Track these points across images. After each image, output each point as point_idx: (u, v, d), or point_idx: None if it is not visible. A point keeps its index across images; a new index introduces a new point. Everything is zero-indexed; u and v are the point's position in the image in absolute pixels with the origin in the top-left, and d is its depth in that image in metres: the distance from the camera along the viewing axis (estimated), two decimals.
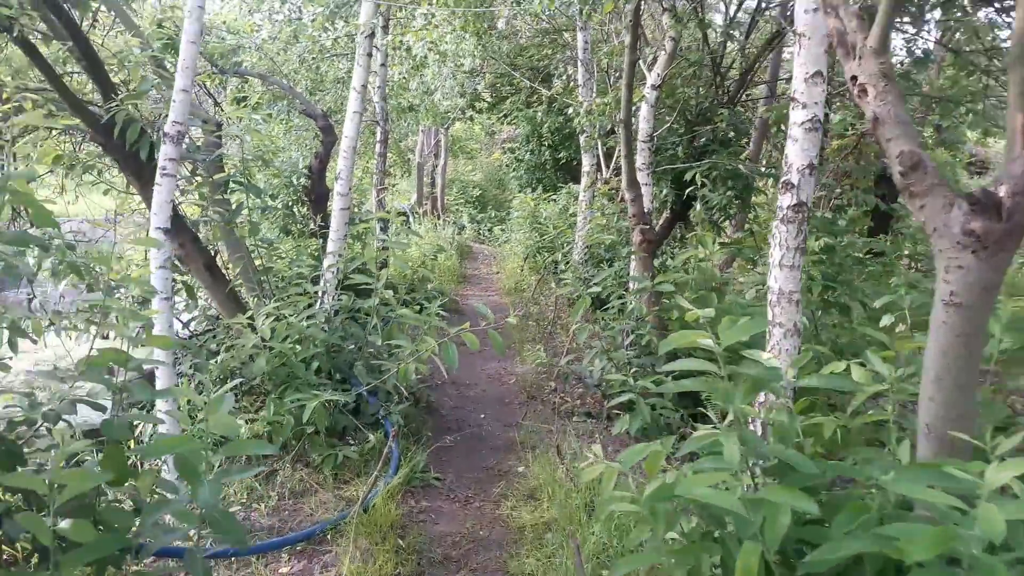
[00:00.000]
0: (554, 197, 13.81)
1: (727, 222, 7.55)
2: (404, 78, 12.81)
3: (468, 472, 4.22)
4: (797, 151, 2.89)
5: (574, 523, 3.30)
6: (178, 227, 4.52)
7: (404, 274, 8.91)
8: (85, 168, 4.79)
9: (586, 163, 9.50)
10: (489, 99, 20.60)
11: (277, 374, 4.13)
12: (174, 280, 4.67)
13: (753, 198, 7.24)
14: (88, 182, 5.21)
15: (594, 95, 9.10)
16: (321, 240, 6.49)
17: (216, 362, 4.25)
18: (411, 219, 12.33)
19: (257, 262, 5.20)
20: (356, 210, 8.83)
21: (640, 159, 6.48)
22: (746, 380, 1.87)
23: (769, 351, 2.90)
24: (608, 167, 9.93)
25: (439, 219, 12.13)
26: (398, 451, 4.09)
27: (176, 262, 4.68)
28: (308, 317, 4.54)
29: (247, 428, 3.92)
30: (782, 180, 2.92)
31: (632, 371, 4.99)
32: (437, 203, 12.72)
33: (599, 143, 9.38)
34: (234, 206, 4.73)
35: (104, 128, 3.97)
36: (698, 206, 7.20)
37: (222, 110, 7.20)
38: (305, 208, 7.44)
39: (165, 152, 3.53)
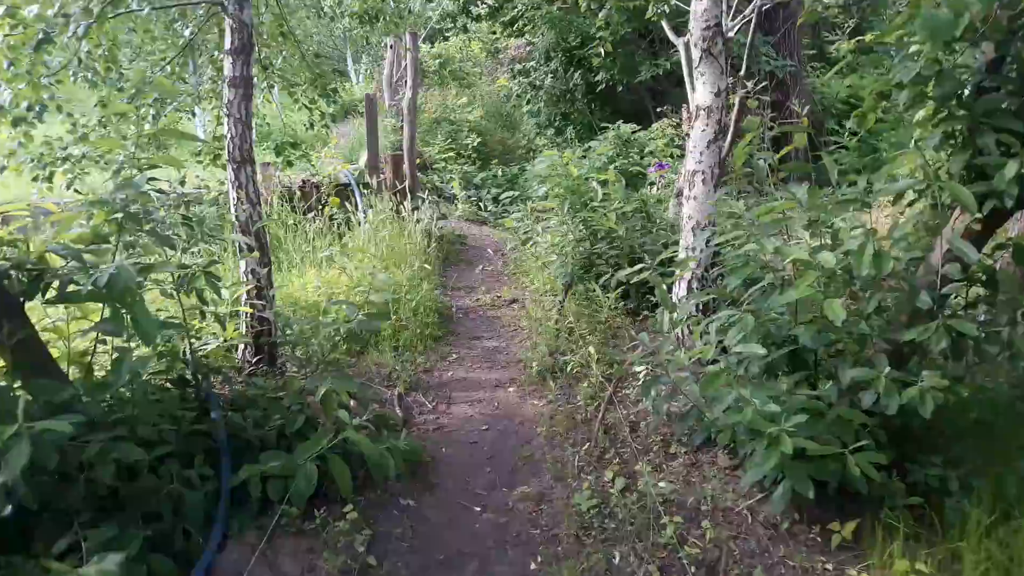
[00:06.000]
0: (596, 142, 8.50)
1: None
2: None
3: None
4: None
5: None
6: None
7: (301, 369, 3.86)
8: None
9: (705, 92, 4.20)
10: (490, 1, 14.93)
11: None
12: None
13: None
14: None
15: None
16: None
17: None
18: (358, 196, 7.08)
19: None
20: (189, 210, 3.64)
21: None
22: None
23: None
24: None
25: (404, 197, 6.79)
26: None
27: None
28: None
29: None
30: None
31: None
32: (402, 166, 7.36)
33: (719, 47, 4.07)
34: None
35: None
36: None
37: None
38: None
39: None
